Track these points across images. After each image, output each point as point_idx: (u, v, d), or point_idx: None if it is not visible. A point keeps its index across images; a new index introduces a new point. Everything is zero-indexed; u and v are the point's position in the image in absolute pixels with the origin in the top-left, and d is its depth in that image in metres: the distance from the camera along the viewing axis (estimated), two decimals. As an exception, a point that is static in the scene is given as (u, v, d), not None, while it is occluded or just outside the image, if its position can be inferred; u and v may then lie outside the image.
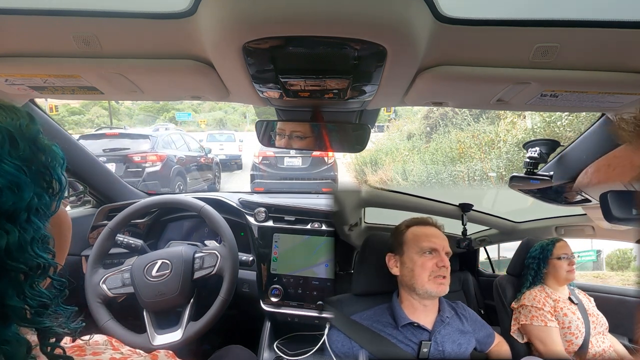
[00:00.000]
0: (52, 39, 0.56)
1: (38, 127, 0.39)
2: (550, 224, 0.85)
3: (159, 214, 1.34)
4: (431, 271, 0.67)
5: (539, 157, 0.92)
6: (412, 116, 10.98)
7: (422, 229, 0.72)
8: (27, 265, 0.35)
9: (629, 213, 0.37)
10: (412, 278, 0.68)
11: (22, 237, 0.35)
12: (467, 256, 0.96)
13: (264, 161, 5.23)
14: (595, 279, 0.83)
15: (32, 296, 0.36)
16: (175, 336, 0.94)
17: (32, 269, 0.36)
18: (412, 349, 0.67)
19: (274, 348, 1.09)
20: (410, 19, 0.47)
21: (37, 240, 0.37)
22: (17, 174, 0.35)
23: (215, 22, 0.49)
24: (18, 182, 0.35)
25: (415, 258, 0.69)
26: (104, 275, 0.99)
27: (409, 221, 0.74)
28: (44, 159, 0.39)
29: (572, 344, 0.71)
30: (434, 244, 0.69)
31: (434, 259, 0.68)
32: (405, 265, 0.70)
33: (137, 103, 27.54)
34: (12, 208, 0.34)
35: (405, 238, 0.72)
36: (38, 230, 0.37)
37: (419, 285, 0.67)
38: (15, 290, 0.34)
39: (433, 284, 0.67)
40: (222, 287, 0.98)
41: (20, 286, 0.35)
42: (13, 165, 0.35)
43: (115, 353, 0.44)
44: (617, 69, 0.56)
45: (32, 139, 0.38)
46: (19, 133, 0.37)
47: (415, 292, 0.68)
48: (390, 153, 8.74)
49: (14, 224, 0.34)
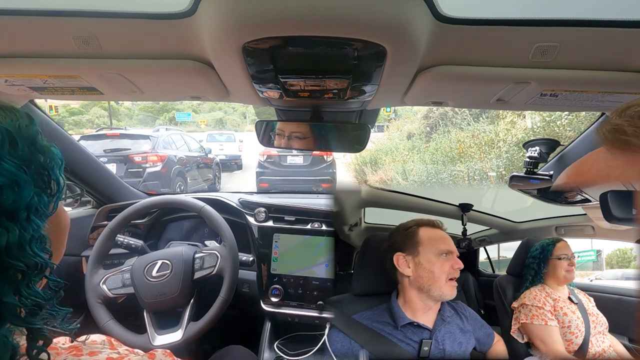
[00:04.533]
0: (51, 40, 0.56)
1: (37, 128, 0.39)
2: (550, 223, 0.85)
3: (159, 214, 1.34)
4: (448, 273, 0.68)
5: (539, 156, 0.93)
6: (412, 116, 10.98)
7: (435, 231, 0.72)
8: (25, 264, 0.35)
9: (629, 213, 0.37)
10: (429, 279, 0.68)
11: (22, 236, 0.35)
12: (467, 256, 0.95)
13: (268, 159, 5.68)
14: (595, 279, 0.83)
15: (27, 295, 0.36)
16: (175, 336, 0.94)
17: (30, 268, 0.36)
18: (413, 348, 0.67)
19: (274, 348, 1.09)
20: (410, 19, 0.47)
21: (35, 240, 0.37)
22: (17, 173, 0.35)
23: (214, 23, 0.49)
24: (18, 180, 0.35)
25: (434, 259, 0.68)
26: (104, 276, 0.99)
27: (418, 221, 0.73)
28: (43, 159, 0.39)
29: (572, 344, 0.71)
30: (450, 246, 0.69)
31: (449, 261, 0.68)
32: (421, 266, 0.69)
33: (137, 103, 27.57)
34: (12, 207, 0.34)
35: (419, 239, 0.71)
36: (37, 230, 0.37)
37: (436, 287, 0.67)
38: (12, 289, 0.34)
39: (449, 287, 0.67)
40: (222, 287, 0.98)
41: (17, 285, 0.35)
42: (13, 164, 0.35)
43: (113, 352, 0.44)
44: (616, 68, 0.56)
45: (31, 140, 0.38)
46: (18, 133, 0.37)
47: (427, 294, 0.68)
48: (390, 153, 8.75)
49: (14, 222, 0.34)
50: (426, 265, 0.69)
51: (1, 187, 0.33)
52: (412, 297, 0.70)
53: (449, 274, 0.67)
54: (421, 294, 0.69)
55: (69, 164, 0.44)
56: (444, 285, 0.67)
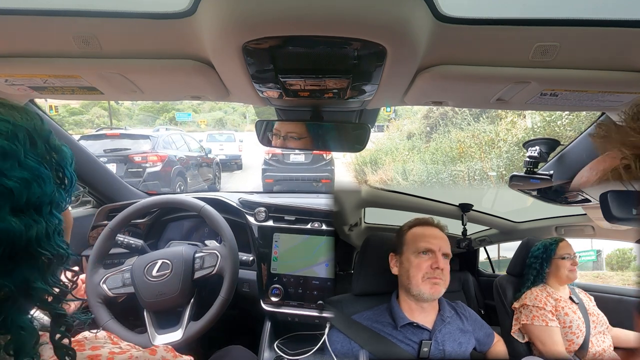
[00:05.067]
0: (52, 39, 0.56)
1: (49, 128, 0.42)
2: (550, 223, 0.85)
3: (159, 214, 1.34)
4: (425, 272, 0.67)
5: (539, 156, 0.92)
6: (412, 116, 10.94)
7: (422, 229, 0.72)
8: (51, 254, 0.38)
9: (629, 213, 0.37)
10: (407, 278, 0.68)
11: (48, 227, 0.38)
12: (467, 256, 0.96)
13: (272, 157, 6.18)
14: (596, 278, 0.83)
15: (53, 283, 0.39)
16: (175, 336, 0.94)
17: (54, 258, 0.39)
18: (413, 349, 0.66)
19: (275, 348, 1.09)
20: (410, 19, 0.47)
21: (57, 232, 0.40)
22: (40, 169, 0.38)
23: (214, 22, 0.49)
24: (42, 175, 0.37)
25: (412, 258, 0.68)
26: (104, 275, 0.99)
27: (412, 221, 0.74)
28: (57, 157, 0.42)
29: (573, 344, 0.71)
30: (431, 244, 0.68)
31: (429, 260, 0.67)
32: (402, 265, 0.70)
33: (137, 103, 27.55)
34: (38, 201, 0.37)
35: (406, 238, 0.71)
36: (59, 223, 0.40)
37: (413, 285, 0.67)
38: (41, 276, 0.38)
39: (427, 285, 0.66)
40: (222, 286, 0.98)
41: (44, 273, 0.38)
42: (35, 160, 0.37)
43: (115, 347, 0.45)
44: (617, 67, 0.56)
45: (45, 139, 0.41)
46: (35, 132, 0.39)
47: (410, 293, 0.68)
48: (390, 153, 8.72)
49: (40, 215, 0.37)
50: (405, 264, 0.69)
51: (28, 181, 0.36)
52: (403, 296, 0.71)
53: (426, 273, 0.67)
54: (407, 293, 0.69)
55: None
56: (421, 284, 0.67)
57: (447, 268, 0.68)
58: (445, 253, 0.69)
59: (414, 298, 0.68)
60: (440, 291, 0.67)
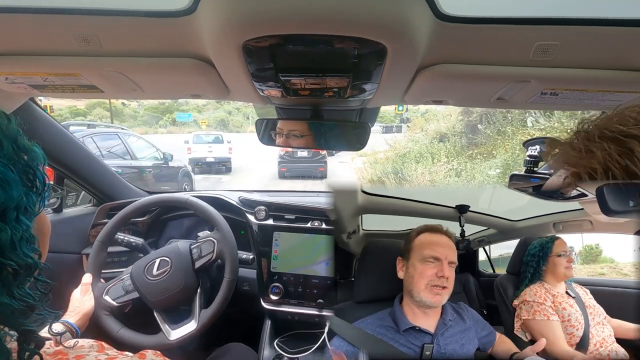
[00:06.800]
0: (52, 38, 0.56)
1: (17, 128, 0.39)
2: (547, 220, 0.85)
3: (159, 213, 1.34)
4: (429, 280, 0.67)
5: (539, 155, 0.92)
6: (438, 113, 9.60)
7: (430, 237, 0.71)
8: (17, 264, 0.35)
9: (626, 205, 0.37)
10: (411, 284, 0.69)
11: (13, 236, 0.34)
12: (467, 257, 0.96)
13: (286, 154, 9.00)
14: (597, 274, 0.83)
15: (19, 296, 0.35)
16: (190, 327, 0.94)
17: (21, 268, 0.35)
18: (415, 352, 0.67)
19: (275, 346, 1.10)
20: (410, 17, 0.47)
21: (25, 240, 0.36)
22: (4, 172, 0.34)
23: (215, 21, 0.49)
24: (7, 179, 0.34)
25: (417, 265, 0.69)
26: (104, 288, 0.98)
27: (421, 227, 0.73)
28: (27, 158, 0.39)
29: (573, 337, 0.72)
30: (437, 252, 0.68)
31: (434, 268, 0.67)
32: (408, 270, 0.70)
33: (144, 104, 27.49)
34: (2, 206, 0.34)
35: (413, 244, 0.71)
36: (27, 230, 0.37)
37: (416, 292, 0.68)
38: (5, 290, 0.34)
39: (429, 293, 0.67)
40: (225, 268, 0.99)
41: (9, 286, 0.35)
42: (0, 163, 0.34)
43: (100, 355, 0.43)
44: (617, 67, 0.56)
45: (13, 139, 0.37)
46: (0, 133, 0.36)
47: (413, 299, 0.69)
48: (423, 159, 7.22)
49: (4, 222, 0.34)
50: (410, 270, 0.70)
51: None
52: (407, 300, 0.71)
53: (430, 280, 0.67)
54: (411, 298, 0.69)
55: (69, 161, 0.44)
56: (423, 291, 0.67)
57: (453, 276, 0.68)
58: (452, 261, 0.69)
59: (417, 304, 0.68)
60: (442, 301, 0.68)
